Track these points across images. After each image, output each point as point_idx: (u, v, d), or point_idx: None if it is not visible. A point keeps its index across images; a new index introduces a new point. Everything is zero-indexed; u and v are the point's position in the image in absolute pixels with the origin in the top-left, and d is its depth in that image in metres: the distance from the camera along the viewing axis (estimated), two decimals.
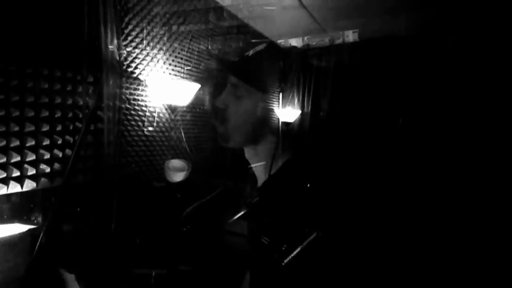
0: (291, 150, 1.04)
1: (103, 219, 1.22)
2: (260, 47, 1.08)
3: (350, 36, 1.56)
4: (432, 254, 1.22)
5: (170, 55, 1.48)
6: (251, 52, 1.08)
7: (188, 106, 1.64)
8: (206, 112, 1.79)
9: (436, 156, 1.56)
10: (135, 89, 1.36)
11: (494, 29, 1.53)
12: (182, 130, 1.60)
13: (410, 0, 1.45)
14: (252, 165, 1.13)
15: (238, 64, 1.13)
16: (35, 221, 1.12)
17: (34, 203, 1.13)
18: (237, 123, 1.05)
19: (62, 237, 1.13)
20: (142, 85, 1.38)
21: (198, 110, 1.75)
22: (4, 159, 1.00)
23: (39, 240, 1.02)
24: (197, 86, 1.49)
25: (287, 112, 1.03)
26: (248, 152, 1.12)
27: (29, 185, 1.07)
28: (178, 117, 1.58)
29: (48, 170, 1.12)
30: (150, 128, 1.44)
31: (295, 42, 1.58)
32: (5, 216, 1.06)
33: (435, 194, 1.46)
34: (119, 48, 1.23)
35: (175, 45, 1.52)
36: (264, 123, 1.04)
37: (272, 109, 1.03)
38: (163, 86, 1.42)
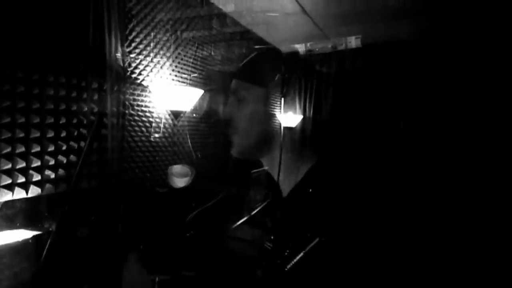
0: (312, 157, 1.05)
1: (107, 225, 1.23)
2: (259, 50, 1.09)
3: (353, 42, 1.57)
4: (435, 260, 1.21)
5: (173, 61, 1.49)
6: (250, 56, 1.09)
7: (191, 112, 1.64)
8: (210, 118, 1.80)
9: (438, 161, 1.56)
10: (139, 95, 1.37)
11: (495, 35, 1.53)
12: (188, 135, 1.61)
13: (411, 6, 1.45)
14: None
15: (240, 70, 1.14)
16: (40, 227, 1.12)
17: (39, 209, 1.14)
18: (247, 130, 1.06)
19: (68, 242, 1.14)
20: (146, 91, 1.39)
21: (202, 115, 1.75)
22: (10, 165, 1.01)
23: (46, 246, 1.03)
24: (201, 92, 1.49)
25: (289, 117, 1.03)
26: (265, 159, 1.12)
27: (34, 191, 1.07)
28: (182, 123, 1.59)
29: (53, 176, 1.13)
30: (156, 135, 1.45)
31: (298, 48, 1.59)
32: (10, 222, 1.07)
33: (437, 198, 1.46)
34: (123, 54, 1.24)
35: (179, 51, 1.53)
36: (270, 126, 1.05)
37: (274, 114, 1.04)
38: (167, 92, 1.43)
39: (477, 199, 1.47)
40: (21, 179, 1.04)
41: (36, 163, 1.08)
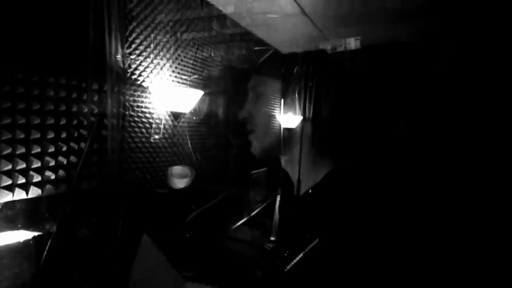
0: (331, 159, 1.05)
1: (107, 225, 1.23)
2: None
3: (352, 43, 1.57)
4: (435, 261, 1.21)
5: (173, 62, 1.50)
6: (268, 54, 1.11)
7: (191, 114, 1.65)
8: (210, 119, 1.80)
9: (438, 161, 1.56)
10: (139, 96, 1.38)
11: (493, 36, 1.54)
12: (188, 137, 1.61)
13: (410, 8, 1.46)
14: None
15: (259, 66, 1.15)
16: (41, 228, 1.12)
17: (40, 210, 1.14)
18: (266, 126, 1.07)
19: (68, 243, 1.14)
20: (146, 92, 1.40)
21: (202, 117, 1.76)
22: (10, 166, 1.01)
23: (47, 247, 1.03)
24: (201, 93, 1.50)
25: (288, 118, 1.04)
26: (283, 159, 1.13)
27: (34, 191, 1.08)
28: (182, 124, 1.59)
29: (53, 177, 1.13)
30: (156, 136, 1.45)
31: (298, 49, 1.59)
32: (11, 223, 1.07)
33: (436, 199, 1.46)
34: (123, 56, 1.24)
35: (179, 52, 1.53)
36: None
37: (275, 115, 1.04)
38: (167, 93, 1.43)
39: (477, 198, 1.48)
40: (22, 180, 1.04)
41: (37, 164, 1.08)
